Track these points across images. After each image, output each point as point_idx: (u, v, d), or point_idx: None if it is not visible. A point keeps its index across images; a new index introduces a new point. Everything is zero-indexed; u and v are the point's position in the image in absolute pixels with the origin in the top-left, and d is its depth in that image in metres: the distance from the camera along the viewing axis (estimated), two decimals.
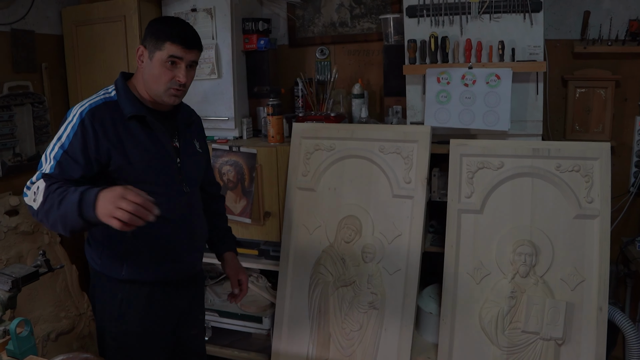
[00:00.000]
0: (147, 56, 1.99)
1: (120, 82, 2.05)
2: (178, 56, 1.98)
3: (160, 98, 2.03)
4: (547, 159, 2.54)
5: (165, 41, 1.96)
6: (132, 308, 2.09)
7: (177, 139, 2.14)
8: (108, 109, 1.96)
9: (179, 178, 2.10)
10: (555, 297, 2.44)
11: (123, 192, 1.64)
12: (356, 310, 2.72)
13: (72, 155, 1.87)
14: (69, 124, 1.91)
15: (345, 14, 3.29)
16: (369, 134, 2.79)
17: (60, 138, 1.89)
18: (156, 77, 1.99)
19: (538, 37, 2.65)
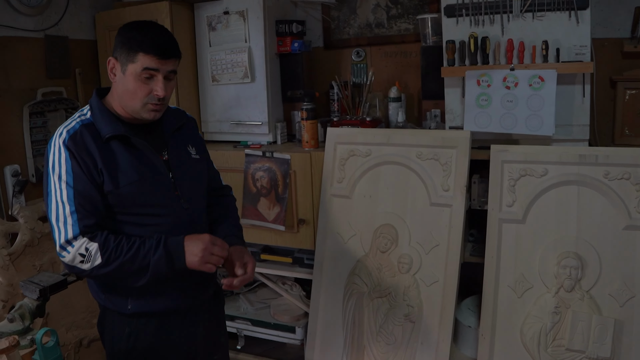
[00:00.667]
0: (120, 69, 1.80)
1: (94, 100, 1.88)
2: (153, 68, 1.78)
3: (137, 114, 1.85)
4: (595, 166, 2.38)
5: (138, 52, 1.76)
6: (142, 342, 1.94)
7: (166, 151, 1.96)
8: (87, 131, 1.80)
9: (175, 195, 1.93)
10: (603, 313, 2.28)
11: (210, 241, 1.81)
12: (391, 322, 2.61)
13: (83, 191, 1.76)
14: (59, 157, 1.77)
15: (382, 14, 3.17)
16: (406, 140, 2.67)
17: (60, 177, 1.76)
18: (131, 93, 1.81)
19: (585, 36, 2.48)
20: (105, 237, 1.75)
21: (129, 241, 1.77)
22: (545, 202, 2.44)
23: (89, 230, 1.75)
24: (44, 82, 3.02)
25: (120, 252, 1.74)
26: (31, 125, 2.93)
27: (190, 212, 1.97)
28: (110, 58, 1.82)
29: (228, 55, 3.07)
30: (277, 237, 2.97)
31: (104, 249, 1.73)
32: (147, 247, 1.76)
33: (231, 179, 3.00)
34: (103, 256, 1.73)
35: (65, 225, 1.74)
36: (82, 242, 1.74)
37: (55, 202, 1.76)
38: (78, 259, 1.75)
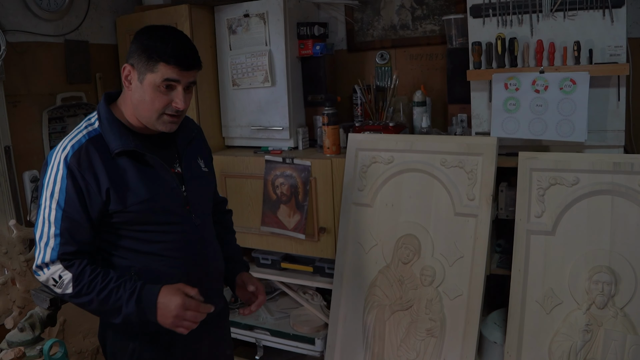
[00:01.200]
0: (136, 78, 1.69)
1: (103, 109, 1.77)
2: (174, 79, 1.69)
3: (152, 126, 1.75)
4: (631, 175, 2.21)
5: (159, 62, 1.66)
6: (146, 358, 1.85)
7: (179, 163, 1.87)
8: (93, 146, 1.69)
9: (186, 210, 1.84)
10: (638, 332, 2.11)
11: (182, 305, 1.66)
12: (413, 337, 2.49)
13: (72, 215, 1.66)
14: (56, 174, 1.68)
15: (407, 15, 3.04)
16: (430, 146, 2.54)
17: (52, 194, 1.67)
18: (148, 103, 1.71)
19: (620, 35, 2.32)
20: (81, 270, 1.66)
21: (105, 279, 1.67)
22: (577, 212, 2.28)
23: (67, 258, 1.67)
24: (64, 87, 2.99)
25: (93, 289, 1.66)
26: (50, 131, 2.90)
27: (201, 229, 1.90)
28: (125, 65, 1.71)
29: (248, 59, 2.98)
30: (297, 246, 2.87)
31: (77, 281, 1.66)
32: (119, 294, 1.67)
33: (251, 185, 2.93)
34: (75, 288, 1.66)
35: (46, 247, 1.67)
36: (57, 269, 1.67)
37: (42, 219, 1.69)
38: (51, 282, 1.69)
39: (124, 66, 1.72)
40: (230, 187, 2.99)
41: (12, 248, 2.68)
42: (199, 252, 1.88)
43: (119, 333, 1.85)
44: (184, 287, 1.69)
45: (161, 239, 1.79)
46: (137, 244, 1.77)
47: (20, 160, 2.80)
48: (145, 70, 1.67)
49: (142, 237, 1.77)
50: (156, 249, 1.79)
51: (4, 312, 2.65)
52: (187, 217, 1.84)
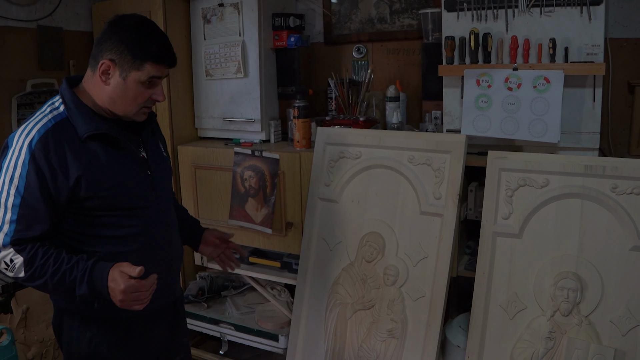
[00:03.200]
0: (118, 75, 1.65)
1: (67, 92, 1.68)
2: (158, 76, 1.69)
3: (128, 117, 1.72)
4: (602, 179, 2.06)
5: (146, 61, 1.64)
6: (105, 346, 1.77)
7: (143, 148, 1.80)
8: (60, 130, 1.61)
9: (153, 194, 1.78)
10: (603, 342, 1.97)
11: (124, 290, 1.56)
12: (374, 337, 2.35)
13: (31, 202, 1.58)
14: (17, 159, 1.58)
15: (385, 9, 2.88)
16: (398, 142, 2.40)
17: (12, 179, 1.58)
18: (130, 98, 1.68)
19: (597, 34, 2.18)
20: (33, 253, 1.58)
21: (57, 262, 1.59)
22: (545, 215, 2.13)
23: (19, 243, 1.58)
24: (35, 74, 2.86)
25: (45, 272, 1.58)
26: (19, 117, 2.77)
27: (165, 213, 1.85)
28: (104, 61, 1.63)
29: (222, 49, 2.84)
30: (265, 240, 2.74)
31: (29, 265, 1.58)
32: (72, 276, 1.59)
33: (220, 177, 2.81)
34: (27, 272, 1.58)
35: (0, 231, 1.58)
36: (9, 252, 1.58)
37: None
38: (3, 266, 1.60)
39: (103, 62, 1.63)
40: (199, 179, 2.87)
41: None
42: (164, 236, 1.83)
43: (76, 321, 1.78)
44: (127, 269, 1.58)
45: (128, 224, 1.73)
46: (104, 230, 1.70)
47: None
48: (130, 68, 1.64)
49: (108, 222, 1.70)
50: (122, 233, 1.72)
51: None
52: (154, 202, 1.79)
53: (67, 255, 1.61)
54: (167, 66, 1.71)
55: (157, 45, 1.67)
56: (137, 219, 1.74)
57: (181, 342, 2.08)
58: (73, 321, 1.79)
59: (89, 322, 1.77)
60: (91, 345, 1.77)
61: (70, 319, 1.79)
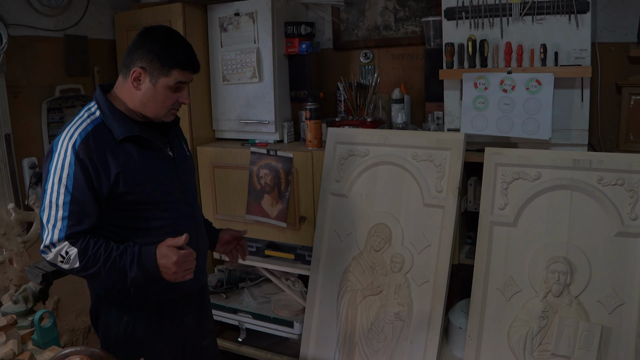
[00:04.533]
0: (148, 81, 1.87)
1: (101, 98, 1.91)
2: (185, 81, 1.92)
3: (158, 118, 1.95)
4: (589, 171, 2.32)
5: (173, 68, 1.87)
6: (138, 331, 2.00)
7: (170, 148, 2.04)
8: (98, 133, 1.84)
9: (179, 190, 2.02)
10: (591, 319, 2.23)
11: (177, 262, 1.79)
12: (382, 320, 2.61)
13: (80, 199, 1.80)
14: (63, 160, 1.81)
15: (390, 17, 3.16)
16: (403, 141, 2.67)
17: (61, 180, 1.80)
18: (160, 102, 1.90)
19: (584, 40, 2.44)
20: (85, 244, 1.80)
21: (107, 250, 1.81)
22: (538, 206, 2.40)
23: (72, 237, 1.80)
24: (63, 80, 3.14)
25: (97, 260, 1.80)
26: (49, 121, 3.05)
27: (192, 206, 2.08)
28: (136, 68, 1.85)
29: (238, 56, 3.12)
30: (280, 234, 3.01)
31: (82, 255, 1.79)
32: (123, 262, 1.81)
33: (237, 176, 3.07)
34: (81, 262, 1.79)
35: (54, 228, 1.80)
36: (64, 246, 1.79)
37: (49, 203, 1.81)
38: (59, 259, 1.81)
39: (134, 69, 1.86)
40: (218, 177, 3.13)
41: (10, 230, 2.83)
42: (192, 228, 2.04)
43: (113, 308, 2.00)
44: (174, 242, 1.82)
45: (159, 216, 1.95)
46: (138, 222, 1.93)
47: (20, 147, 2.95)
48: (159, 75, 1.86)
49: (142, 215, 1.93)
50: (155, 225, 1.94)
51: (1, 289, 2.80)
52: (182, 197, 2.02)
53: (115, 244, 1.83)
54: (192, 72, 1.93)
55: (183, 54, 1.89)
56: (167, 212, 1.97)
57: (207, 327, 2.31)
58: (110, 307, 2.00)
59: (125, 308, 1.98)
60: (127, 330, 1.99)
61: (107, 306, 2.01)
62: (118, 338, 2.01)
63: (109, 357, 1.72)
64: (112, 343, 2.02)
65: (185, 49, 1.91)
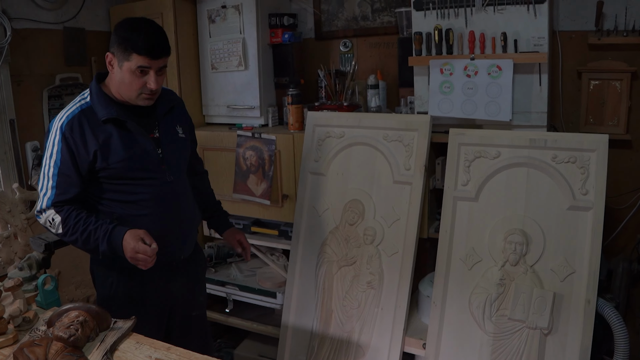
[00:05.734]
0: (117, 64, 2.01)
1: (94, 85, 2.10)
2: (146, 66, 1.99)
3: (133, 102, 2.08)
4: (544, 150, 2.45)
5: (132, 52, 1.96)
6: (122, 290, 2.19)
7: (157, 129, 2.18)
8: (85, 115, 2.03)
9: (161, 168, 2.16)
10: (544, 287, 2.36)
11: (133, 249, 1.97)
12: (356, 289, 2.76)
13: (65, 171, 2.01)
14: (54, 139, 2.02)
15: (367, 8, 3.29)
16: (375, 123, 2.80)
17: (51, 155, 2.02)
18: (127, 85, 2.02)
19: (542, 28, 2.55)
20: (68, 214, 2.02)
21: (86, 222, 2.02)
22: (497, 182, 2.53)
23: (59, 204, 2.03)
24: (63, 69, 3.29)
25: (76, 230, 2.02)
26: (50, 107, 3.20)
27: (174, 184, 2.21)
28: (108, 53, 2.02)
29: (225, 46, 3.25)
30: (264, 211, 3.15)
31: (64, 223, 2.03)
32: (97, 235, 2.02)
33: (225, 157, 3.21)
34: (63, 228, 2.03)
35: (44, 196, 2.04)
36: (51, 213, 2.04)
37: (43, 175, 2.05)
38: (47, 224, 2.06)
39: (107, 54, 2.03)
40: (207, 159, 3.23)
41: (14, 207, 3.00)
42: (172, 202, 2.20)
43: (101, 268, 2.22)
44: (144, 235, 2.00)
45: (137, 191, 2.13)
46: (118, 195, 2.12)
47: (23, 132, 3.10)
48: (122, 59, 1.99)
49: (122, 189, 2.11)
50: (134, 198, 2.13)
51: (7, 262, 2.97)
52: (162, 174, 2.17)
53: (94, 218, 2.04)
54: (150, 57, 1.98)
55: (143, 40, 1.96)
56: (145, 187, 2.14)
57: (198, 299, 2.46)
58: (99, 268, 2.23)
59: (111, 270, 2.19)
60: (112, 289, 2.20)
61: (97, 266, 2.24)
62: (106, 296, 2.21)
63: (104, 313, 1.89)
64: (102, 300, 2.23)
65: (147, 36, 1.98)
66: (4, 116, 3.01)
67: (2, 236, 2.93)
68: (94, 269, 2.27)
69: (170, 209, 2.20)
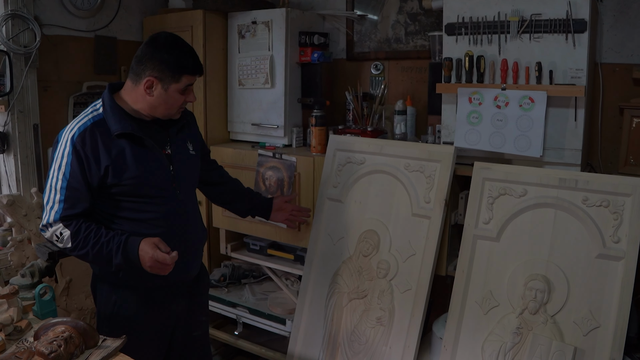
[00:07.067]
0: (160, 88, 1.98)
1: (107, 97, 2.04)
2: (192, 84, 2.05)
3: (168, 117, 2.08)
4: (574, 191, 2.25)
5: (183, 74, 1.99)
6: (125, 310, 2.10)
7: (169, 146, 2.12)
8: (97, 128, 1.96)
9: (172, 186, 2.10)
10: (565, 340, 2.15)
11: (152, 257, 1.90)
12: (365, 324, 2.59)
13: (74, 185, 1.94)
14: (63, 150, 1.95)
15: (400, 30, 3.14)
16: (397, 151, 2.64)
17: (60, 167, 1.95)
18: (170, 104, 2.03)
19: (581, 59, 2.35)
20: (77, 228, 1.94)
21: (97, 235, 1.94)
22: (521, 222, 2.33)
23: (67, 219, 1.95)
24: (91, 77, 3.27)
25: (87, 243, 1.94)
26: (74, 114, 3.16)
27: (184, 203, 2.15)
28: (148, 78, 1.97)
29: (253, 62, 3.17)
30: (281, 235, 3.02)
31: (74, 237, 1.94)
32: (109, 248, 1.94)
33: (245, 176, 3.10)
34: (73, 243, 1.95)
35: (51, 210, 1.96)
36: (58, 227, 1.95)
37: (49, 187, 1.97)
38: (54, 238, 1.97)
39: (147, 79, 1.98)
40: None
41: (31, 212, 2.96)
42: (181, 222, 2.13)
43: (105, 286, 2.13)
44: (159, 242, 1.94)
45: (149, 209, 2.05)
46: (128, 213, 2.03)
47: (46, 138, 3.06)
48: (170, 81, 1.99)
49: (132, 206, 2.03)
50: (144, 217, 2.05)
51: (19, 265, 2.93)
52: (173, 193, 2.10)
53: (105, 230, 1.96)
54: (198, 75, 2.07)
55: (190, 60, 2.02)
56: (156, 206, 2.06)
57: (200, 319, 2.37)
58: (103, 285, 2.14)
59: (115, 287, 2.10)
60: (115, 308, 2.10)
61: (101, 284, 2.15)
62: (107, 315, 2.13)
63: (92, 330, 1.81)
64: (103, 318, 2.15)
65: (191, 56, 2.03)
66: (28, 120, 2.99)
67: (15, 240, 2.89)
68: (97, 286, 2.19)
69: (179, 228, 2.12)
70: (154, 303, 2.14)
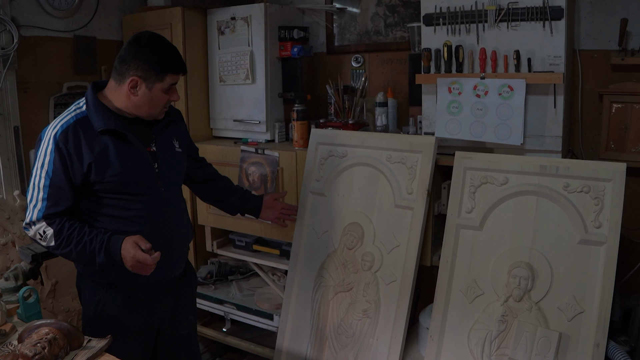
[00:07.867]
0: (145, 87, 1.96)
1: (90, 94, 2.01)
2: (175, 82, 2.03)
3: (153, 117, 2.06)
4: (555, 178, 2.23)
5: (167, 73, 1.98)
6: (109, 310, 2.08)
7: (154, 143, 2.09)
8: (79, 126, 1.94)
9: (157, 183, 2.07)
10: (550, 326, 2.14)
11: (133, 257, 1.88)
12: (351, 316, 2.57)
13: (57, 183, 1.91)
14: (46, 148, 1.92)
15: (380, 22, 3.11)
16: (378, 143, 2.62)
17: (43, 165, 1.92)
18: (154, 103, 2.01)
19: (559, 46, 2.34)
20: (60, 226, 1.92)
21: (80, 233, 1.92)
22: (504, 210, 2.31)
23: (50, 217, 1.92)
24: (71, 77, 3.22)
25: (70, 242, 1.92)
26: (55, 115, 3.10)
27: (168, 201, 2.12)
28: (132, 78, 1.95)
29: (233, 58, 3.13)
30: (266, 230, 2.99)
31: (57, 235, 1.92)
32: (92, 246, 1.92)
33: (228, 172, 3.04)
34: (56, 241, 1.92)
35: (34, 208, 1.93)
36: (41, 225, 1.93)
37: (32, 185, 1.95)
38: (38, 236, 1.95)
39: (131, 78, 1.96)
40: None
41: (14, 215, 2.93)
42: (165, 220, 2.11)
43: (89, 285, 2.11)
44: (139, 240, 1.91)
45: (132, 207, 2.03)
46: (112, 210, 2.01)
47: (27, 139, 3.01)
48: (154, 81, 1.97)
49: (116, 204, 2.01)
50: (127, 214, 2.02)
51: (3, 269, 2.89)
52: (157, 190, 2.08)
53: (88, 228, 1.94)
54: (182, 74, 2.06)
55: (174, 60, 2.00)
56: (139, 203, 2.04)
57: (186, 318, 2.34)
58: (87, 284, 2.12)
59: (99, 286, 2.08)
60: (99, 307, 2.08)
61: (85, 283, 2.13)
62: (91, 314, 2.11)
63: (76, 331, 1.79)
64: (87, 317, 2.13)
65: (175, 55, 2.02)
66: (8, 123, 2.94)
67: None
68: (81, 284, 2.17)
69: (163, 226, 2.10)
70: (138, 302, 2.11)
